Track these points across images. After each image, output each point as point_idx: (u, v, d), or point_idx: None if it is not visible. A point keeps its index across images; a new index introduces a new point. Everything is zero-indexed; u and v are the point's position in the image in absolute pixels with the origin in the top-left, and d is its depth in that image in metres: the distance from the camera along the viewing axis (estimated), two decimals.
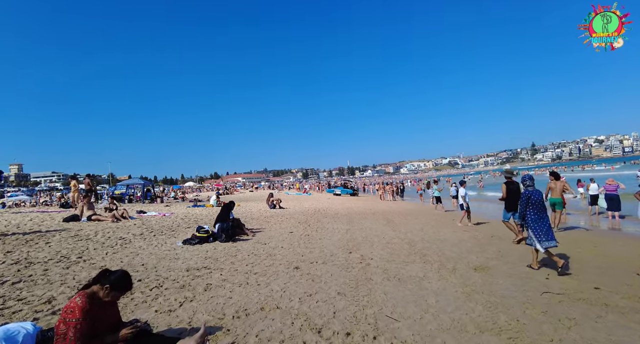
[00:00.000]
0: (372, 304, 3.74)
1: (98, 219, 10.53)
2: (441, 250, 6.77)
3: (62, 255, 5.67)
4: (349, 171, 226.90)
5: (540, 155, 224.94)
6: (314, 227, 10.07)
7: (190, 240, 7.19)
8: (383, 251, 6.67)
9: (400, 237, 8.30)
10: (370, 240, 7.84)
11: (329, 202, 23.22)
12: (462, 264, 5.61)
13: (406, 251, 6.69)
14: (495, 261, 5.82)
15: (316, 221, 11.64)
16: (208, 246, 6.96)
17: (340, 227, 10.09)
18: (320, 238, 8.09)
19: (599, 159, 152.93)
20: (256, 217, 12.79)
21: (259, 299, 3.83)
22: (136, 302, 3.62)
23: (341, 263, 5.59)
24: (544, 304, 3.73)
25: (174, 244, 7.06)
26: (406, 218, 12.57)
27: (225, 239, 7.39)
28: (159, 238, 7.80)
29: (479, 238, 8.10)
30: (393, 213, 14.63)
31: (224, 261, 5.70)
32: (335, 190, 36.22)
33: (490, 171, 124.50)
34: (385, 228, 9.85)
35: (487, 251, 6.62)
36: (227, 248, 6.80)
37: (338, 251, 6.62)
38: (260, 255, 6.18)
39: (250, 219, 11.93)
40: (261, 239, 7.87)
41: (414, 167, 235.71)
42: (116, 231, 8.70)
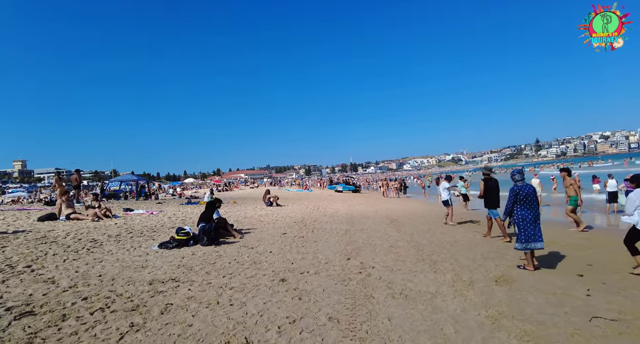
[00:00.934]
0: (372, 335, 2.87)
1: (77, 218, 9.73)
2: (453, 256, 5.89)
3: (9, 263, 4.84)
4: (352, 167, 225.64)
5: (544, 151, 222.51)
6: (310, 227, 9.21)
7: (167, 243, 6.35)
8: (386, 256, 5.79)
9: (405, 239, 7.42)
10: (372, 243, 6.97)
11: (330, 199, 22.36)
12: (480, 274, 4.73)
13: (413, 256, 5.81)
14: (518, 269, 4.93)
15: (313, 220, 10.78)
16: (186, 251, 6.12)
17: (339, 227, 9.22)
18: (316, 241, 7.23)
19: (605, 155, 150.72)
20: (250, 215, 11.94)
21: (227, 328, 2.97)
22: (61, 335, 2.76)
23: (337, 273, 4.72)
24: (599, 337, 2.84)
25: (148, 248, 6.22)
26: (410, 217, 11.67)
27: (207, 242, 6.54)
28: (136, 241, 6.97)
29: (494, 241, 7.20)
30: (397, 211, 13.74)
31: (198, 270, 4.84)
32: (337, 187, 35.34)
33: (495, 167, 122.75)
34: (388, 229, 8.97)
35: (506, 257, 5.72)
36: (208, 253, 5.95)
37: (335, 256, 5.75)
38: (243, 262, 5.32)
39: (242, 218, 11.08)
40: (249, 242, 7.02)
41: (417, 164, 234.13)
42: (92, 231, 7.89)
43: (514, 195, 4.91)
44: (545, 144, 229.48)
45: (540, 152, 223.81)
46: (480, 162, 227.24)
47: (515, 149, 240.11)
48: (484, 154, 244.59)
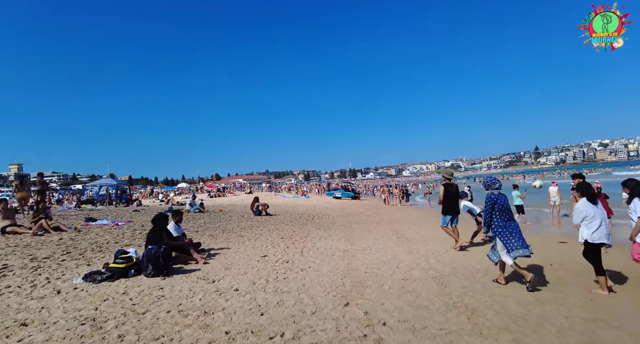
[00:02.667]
0: None
1: (15, 232, 7.95)
2: (493, 295, 4.17)
3: None
4: (351, 173, 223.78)
5: (543, 158, 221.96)
6: (300, 245, 7.45)
7: (96, 274, 4.57)
8: (401, 299, 4.04)
9: (421, 266, 5.67)
10: (379, 273, 5.22)
11: (327, 207, 20.60)
12: (556, 338, 2.99)
13: (438, 298, 4.06)
14: (604, 323, 3.21)
15: (305, 235, 9.01)
16: (118, 287, 4.34)
17: (336, 246, 7.46)
18: (304, 268, 5.47)
19: (605, 162, 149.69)
20: (230, 228, 10.15)
21: None
22: None
23: (328, 339, 2.97)
24: None
25: (68, 282, 4.46)
26: (420, 231, 9.92)
27: (152, 272, 4.77)
28: (62, 267, 5.20)
29: (534, 269, 5.46)
30: (402, 223, 11.98)
31: (111, 331, 3.07)
32: (335, 193, 33.57)
33: (496, 174, 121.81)
34: (397, 248, 7.22)
35: (569, 298, 4.00)
36: (146, 292, 4.17)
37: (327, 299, 4.00)
38: (188, 312, 3.54)
39: (220, 232, 9.29)
40: (213, 271, 5.24)
41: (416, 170, 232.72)
42: (17, 250, 6.12)
43: (491, 204, 4.66)
44: (545, 151, 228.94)
45: (540, 159, 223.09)
46: (480, 169, 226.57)
47: (514, 156, 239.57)
48: (483, 161, 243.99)
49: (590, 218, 4.26)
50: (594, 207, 4.32)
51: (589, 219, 4.27)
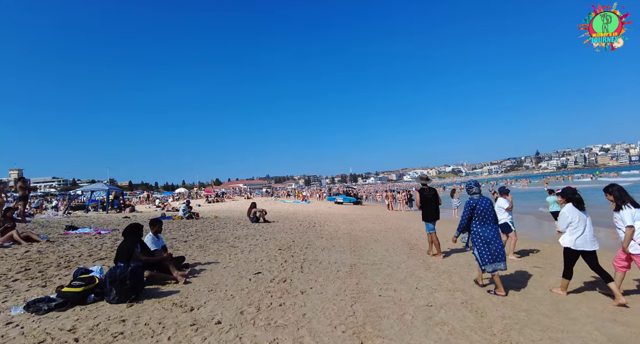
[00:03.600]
0: None
1: None
2: (546, 329, 3.24)
3: None
4: (352, 178, 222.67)
5: (545, 163, 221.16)
6: (300, 258, 6.51)
7: (40, 302, 3.63)
8: (429, 336, 3.12)
9: (445, 286, 4.74)
10: (395, 296, 4.28)
11: (329, 212, 19.65)
12: None
13: (477, 335, 3.14)
14: None
15: (306, 245, 8.06)
16: (68, 318, 3.40)
17: (341, 259, 6.52)
18: (305, 290, 4.52)
19: (607, 167, 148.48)
20: (223, 238, 9.19)
21: None
22: None
23: None
24: None
25: (3, 314, 3.52)
26: None
27: (116, 297, 3.83)
28: (8, 290, 4.25)
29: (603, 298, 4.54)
30: (411, 231, 11.04)
31: None
32: (337, 198, 32.62)
33: (500, 179, 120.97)
34: (411, 262, 6.28)
35: None
36: (99, 328, 3.21)
37: (334, 338, 3.06)
38: None
39: (211, 242, 8.35)
40: (194, 294, 4.31)
41: (417, 175, 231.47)
42: None
43: (470, 209, 4.55)
44: (546, 156, 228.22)
45: (541, 164, 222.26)
46: (481, 174, 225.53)
47: (515, 161, 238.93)
48: (484, 166, 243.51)
49: (575, 224, 4.18)
50: (580, 213, 4.23)
51: (574, 225, 4.19)
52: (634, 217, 3.87)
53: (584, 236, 4.12)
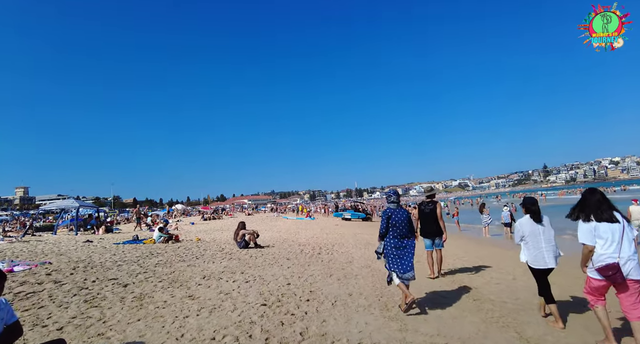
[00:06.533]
0: None
1: None
2: None
3: None
4: (357, 192, 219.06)
5: (553, 177, 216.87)
6: (299, 327, 3.64)
7: None
8: None
9: None
10: None
11: (337, 232, 16.67)
12: None
13: None
14: None
15: (307, 294, 5.13)
16: None
17: (372, 328, 3.64)
18: None
19: (617, 180, 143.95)
20: (187, 276, 6.25)
21: None
22: None
23: None
24: None
25: None
26: (482, 272, 6.04)
27: None
28: None
29: None
30: (446, 257, 8.09)
31: None
32: (344, 214, 29.61)
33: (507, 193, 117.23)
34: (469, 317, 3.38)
35: None
36: None
37: None
38: None
39: (164, 285, 5.44)
40: None
41: (423, 189, 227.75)
42: None
43: (386, 219, 4.35)
44: (554, 169, 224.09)
45: (549, 177, 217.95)
46: (488, 188, 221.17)
47: (522, 174, 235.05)
48: (490, 180, 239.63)
49: (527, 238, 3.88)
50: (537, 226, 3.89)
51: (526, 239, 3.90)
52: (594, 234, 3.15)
53: (539, 252, 3.79)
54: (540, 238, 3.80)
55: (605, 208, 3.19)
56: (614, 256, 3.01)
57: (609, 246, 3.05)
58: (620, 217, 3.15)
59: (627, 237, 3.07)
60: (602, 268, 3.04)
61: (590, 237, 3.14)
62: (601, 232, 3.09)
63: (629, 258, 2.99)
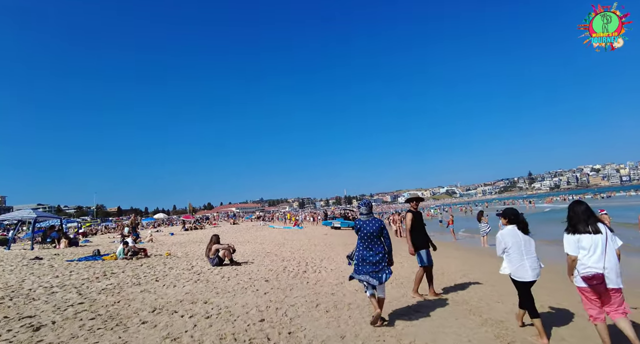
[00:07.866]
0: None
1: None
2: None
3: None
4: (346, 200, 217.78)
5: (538, 184, 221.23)
6: None
7: None
8: None
9: None
10: None
11: (327, 243, 15.38)
12: None
13: None
14: None
15: (286, 331, 3.85)
16: None
17: None
18: None
19: (598, 187, 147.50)
20: (127, 314, 4.83)
21: None
22: None
23: None
24: None
25: None
26: (492, 292, 4.88)
27: None
28: None
29: None
30: (455, 275, 6.91)
31: None
32: (333, 222, 28.38)
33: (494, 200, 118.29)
34: None
35: None
36: None
37: None
38: None
39: (91, 330, 4.07)
40: None
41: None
42: None
43: (355, 231, 4.29)
44: (538, 176, 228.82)
45: (534, 184, 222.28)
46: (475, 195, 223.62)
47: (508, 181, 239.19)
48: (477, 187, 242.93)
49: (510, 249, 3.82)
50: (519, 237, 3.84)
51: (509, 251, 3.84)
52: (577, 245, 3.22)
53: (522, 265, 3.75)
54: (522, 250, 3.78)
55: (591, 221, 3.23)
56: (598, 267, 3.08)
57: (592, 256, 3.12)
58: (604, 228, 3.18)
59: (609, 248, 3.13)
60: (587, 277, 3.11)
61: (574, 248, 3.22)
62: (584, 243, 3.16)
63: (611, 269, 3.06)
